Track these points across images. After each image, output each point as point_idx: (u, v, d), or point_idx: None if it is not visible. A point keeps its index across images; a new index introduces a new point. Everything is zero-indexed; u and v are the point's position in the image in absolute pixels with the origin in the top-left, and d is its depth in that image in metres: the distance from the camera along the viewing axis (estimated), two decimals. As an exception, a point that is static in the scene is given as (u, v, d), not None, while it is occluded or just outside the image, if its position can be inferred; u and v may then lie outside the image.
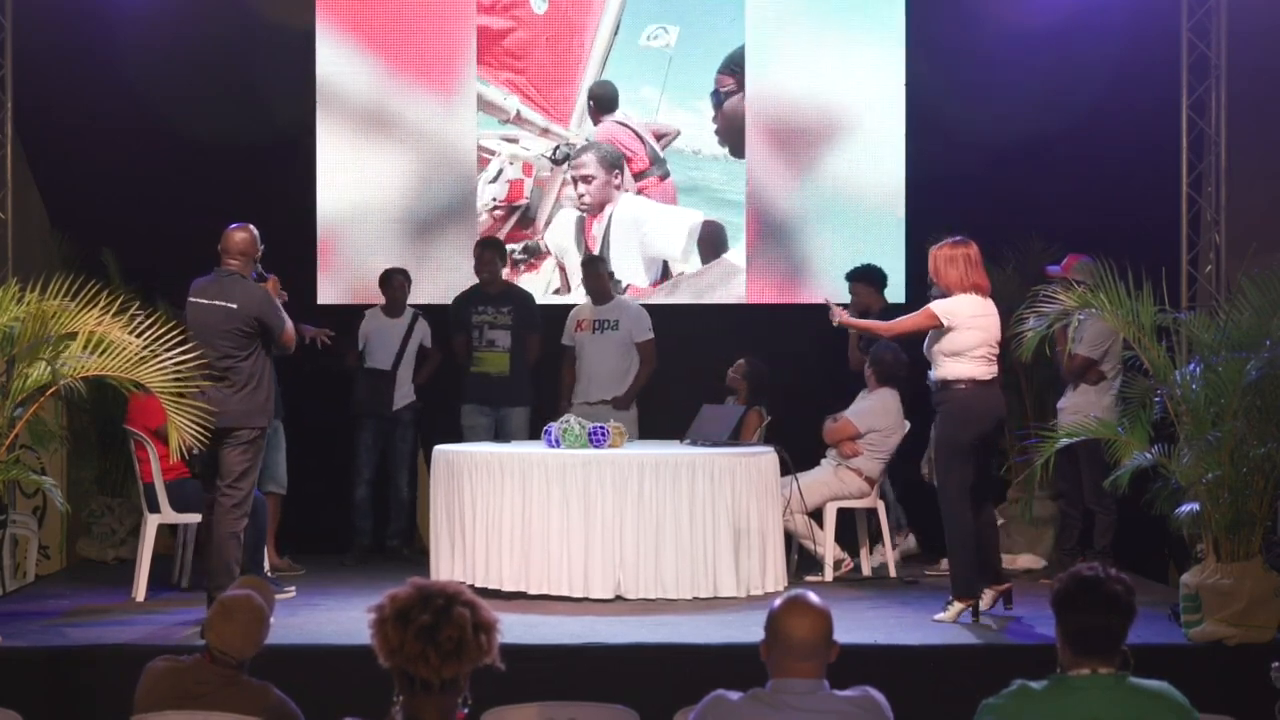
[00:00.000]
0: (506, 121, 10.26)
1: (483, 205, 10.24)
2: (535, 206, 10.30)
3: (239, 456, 7.08)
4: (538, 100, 10.25)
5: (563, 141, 10.28)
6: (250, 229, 7.28)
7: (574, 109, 10.28)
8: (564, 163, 10.26)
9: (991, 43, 9.88)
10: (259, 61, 9.94)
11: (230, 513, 7.07)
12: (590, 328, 9.61)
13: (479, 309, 9.55)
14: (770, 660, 3.77)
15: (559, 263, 10.32)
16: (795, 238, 10.33)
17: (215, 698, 4.66)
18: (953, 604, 7.27)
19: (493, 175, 10.27)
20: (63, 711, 6.33)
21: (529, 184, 10.30)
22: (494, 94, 10.24)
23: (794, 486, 8.48)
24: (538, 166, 10.30)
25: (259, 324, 7.11)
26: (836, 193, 10.31)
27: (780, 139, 10.32)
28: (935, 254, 7.31)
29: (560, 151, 10.24)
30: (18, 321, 6.66)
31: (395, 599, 3.23)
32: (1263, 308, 6.92)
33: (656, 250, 10.33)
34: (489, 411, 9.50)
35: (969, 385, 7.17)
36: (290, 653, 6.25)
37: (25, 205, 9.68)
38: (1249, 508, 6.78)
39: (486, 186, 10.27)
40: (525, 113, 10.26)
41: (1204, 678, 6.14)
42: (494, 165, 10.26)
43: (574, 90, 10.28)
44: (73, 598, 8.08)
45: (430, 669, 3.18)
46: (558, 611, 7.47)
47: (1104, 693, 3.61)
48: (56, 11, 9.63)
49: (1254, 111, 9.41)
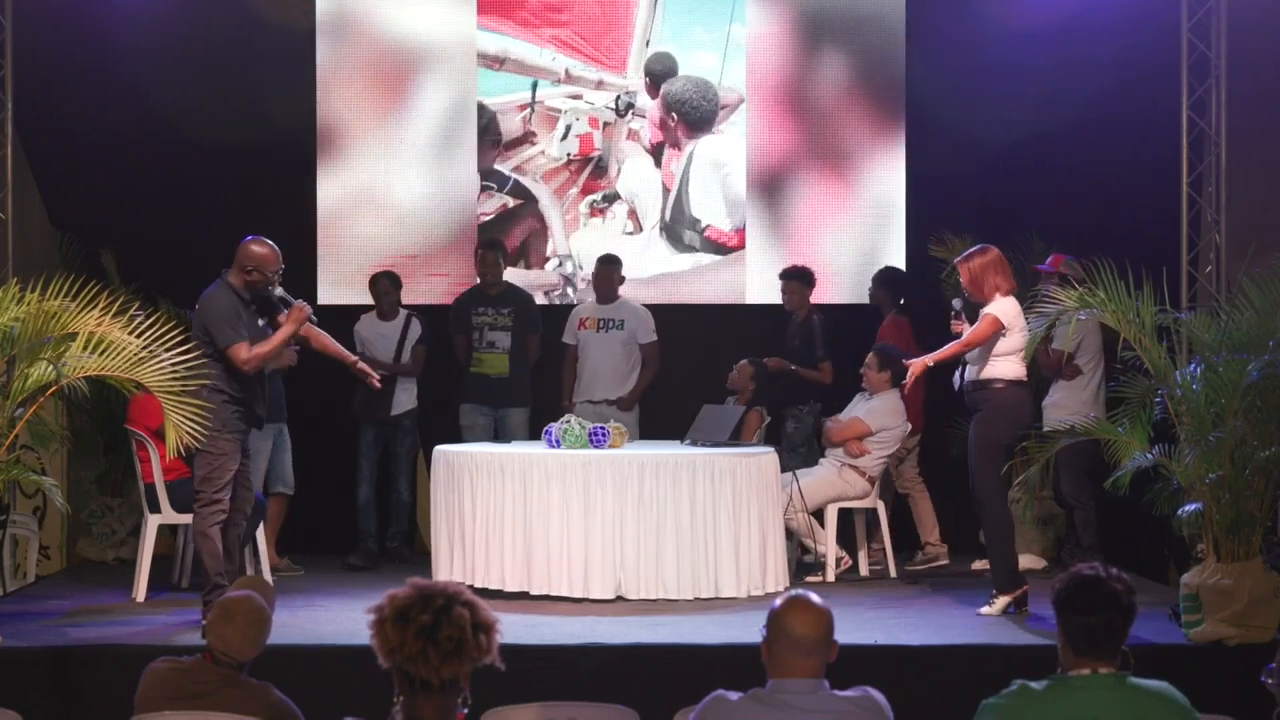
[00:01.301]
0: (559, 82, 10.28)
1: (556, 160, 10.29)
2: (606, 157, 10.33)
3: (197, 462, 7.03)
4: (588, 52, 10.25)
5: (622, 90, 10.29)
6: (253, 240, 7.07)
7: (629, 53, 10.29)
8: (626, 113, 10.29)
9: (991, 42, 9.87)
10: (259, 61, 9.94)
11: (198, 513, 7.03)
12: (595, 326, 9.61)
13: (479, 310, 9.55)
14: (771, 659, 3.77)
15: (630, 208, 10.33)
16: (796, 237, 10.32)
17: (215, 698, 4.66)
18: (998, 598, 7.41)
19: (562, 133, 10.30)
20: (63, 711, 6.32)
21: (598, 135, 10.32)
22: (539, 57, 10.24)
23: (795, 486, 8.49)
24: (602, 118, 10.32)
25: (205, 333, 6.97)
26: (836, 193, 10.31)
27: (780, 139, 10.32)
28: (972, 264, 7.45)
29: (622, 101, 10.27)
30: (18, 321, 6.66)
31: (395, 599, 3.23)
32: (1264, 308, 6.92)
33: (736, 193, 10.35)
34: (488, 412, 9.50)
35: (1010, 384, 7.36)
36: (290, 653, 6.24)
37: (25, 205, 9.68)
38: (1249, 508, 6.78)
39: (559, 144, 10.30)
40: (575, 69, 10.26)
41: (1204, 678, 6.13)
42: (561, 124, 10.29)
43: (627, 33, 10.28)
44: (73, 598, 8.08)
45: (429, 668, 3.18)
46: (558, 611, 7.47)
47: (1104, 693, 3.61)
48: (56, 11, 9.63)
49: (1254, 111, 9.41)
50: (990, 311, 7.36)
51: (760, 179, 10.34)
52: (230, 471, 7.01)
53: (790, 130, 10.32)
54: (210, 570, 6.95)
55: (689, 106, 10.31)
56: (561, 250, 10.32)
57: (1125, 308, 6.99)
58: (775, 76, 10.32)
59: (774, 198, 10.34)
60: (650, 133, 10.31)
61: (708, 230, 10.29)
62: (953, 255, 9.42)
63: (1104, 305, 7.03)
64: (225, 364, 6.98)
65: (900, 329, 9.36)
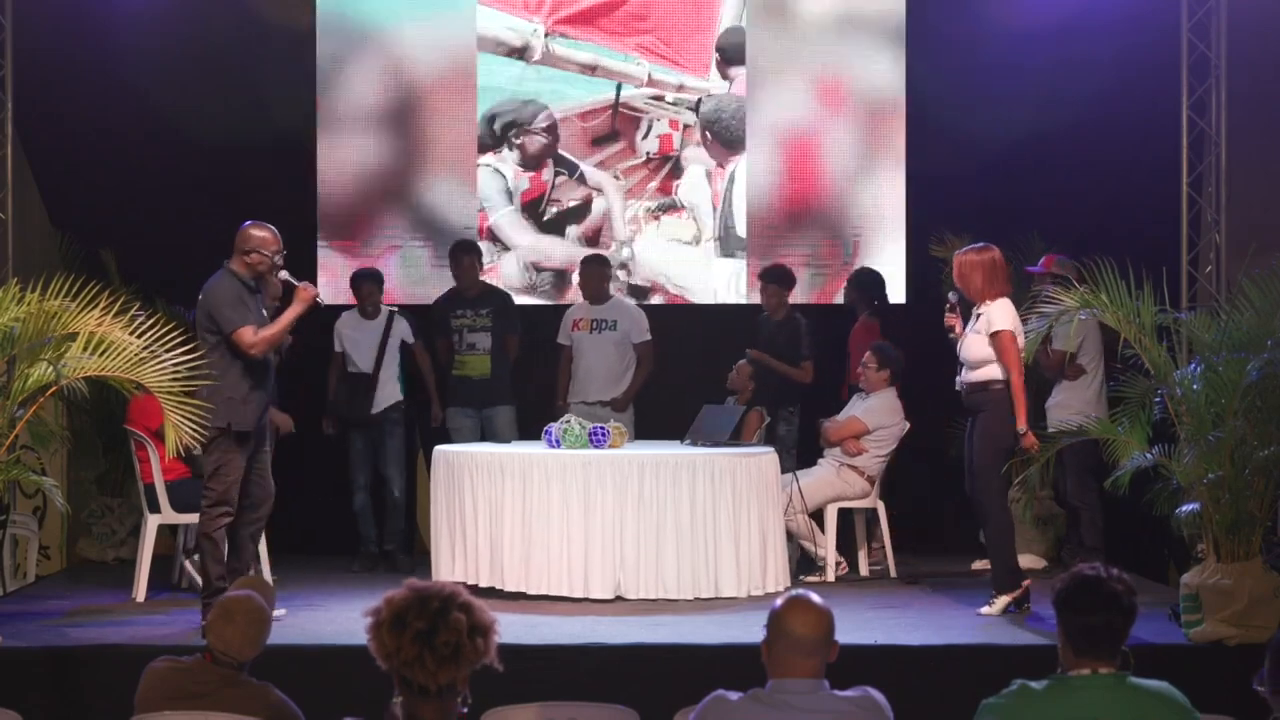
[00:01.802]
0: (642, 86, 10.31)
1: (639, 161, 10.37)
2: (681, 159, 10.40)
3: (206, 458, 7.03)
4: (670, 56, 10.28)
5: (704, 93, 10.32)
6: (252, 225, 7.12)
7: (711, 57, 10.36)
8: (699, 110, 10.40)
9: (991, 43, 9.87)
10: (259, 61, 9.94)
11: (205, 513, 7.01)
12: (588, 327, 9.60)
13: (458, 312, 9.52)
14: (771, 658, 3.77)
15: (693, 215, 10.39)
16: (795, 238, 10.32)
17: (216, 698, 4.66)
18: (998, 598, 7.43)
19: (644, 132, 10.34)
20: (63, 711, 6.33)
21: (677, 136, 10.35)
22: (623, 65, 10.28)
23: (794, 486, 8.49)
24: (683, 119, 10.35)
25: (211, 320, 6.97)
26: (836, 193, 10.31)
27: (780, 139, 10.32)
28: (963, 259, 7.48)
29: (704, 104, 10.31)
30: (18, 322, 6.66)
31: (391, 602, 3.22)
32: (1264, 308, 6.92)
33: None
34: (472, 413, 9.48)
35: (1008, 385, 7.37)
36: (290, 653, 6.24)
37: (25, 205, 9.68)
38: (1249, 508, 6.78)
39: (641, 142, 10.34)
40: (657, 74, 10.29)
41: (1204, 678, 6.12)
42: (644, 122, 10.33)
43: (709, 38, 10.33)
44: (73, 598, 8.08)
45: (426, 674, 3.17)
46: (558, 611, 7.47)
47: (1104, 693, 3.62)
48: (56, 11, 9.63)
49: (1254, 111, 9.40)
50: (999, 328, 7.35)
51: (761, 177, 10.33)
52: (238, 470, 6.98)
53: (790, 129, 10.31)
54: (211, 574, 6.94)
55: (720, 126, 10.33)
56: (621, 243, 10.39)
57: (1125, 308, 6.98)
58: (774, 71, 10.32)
59: (774, 197, 10.34)
60: (709, 139, 10.40)
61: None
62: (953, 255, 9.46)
63: (1105, 306, 7.03)
64: (232, 352, 6.95)
65: (871, 332, 9.31)
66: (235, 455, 6.96)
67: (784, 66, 10.32)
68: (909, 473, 9.25)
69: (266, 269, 7.10)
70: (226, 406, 6.91)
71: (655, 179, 10.39)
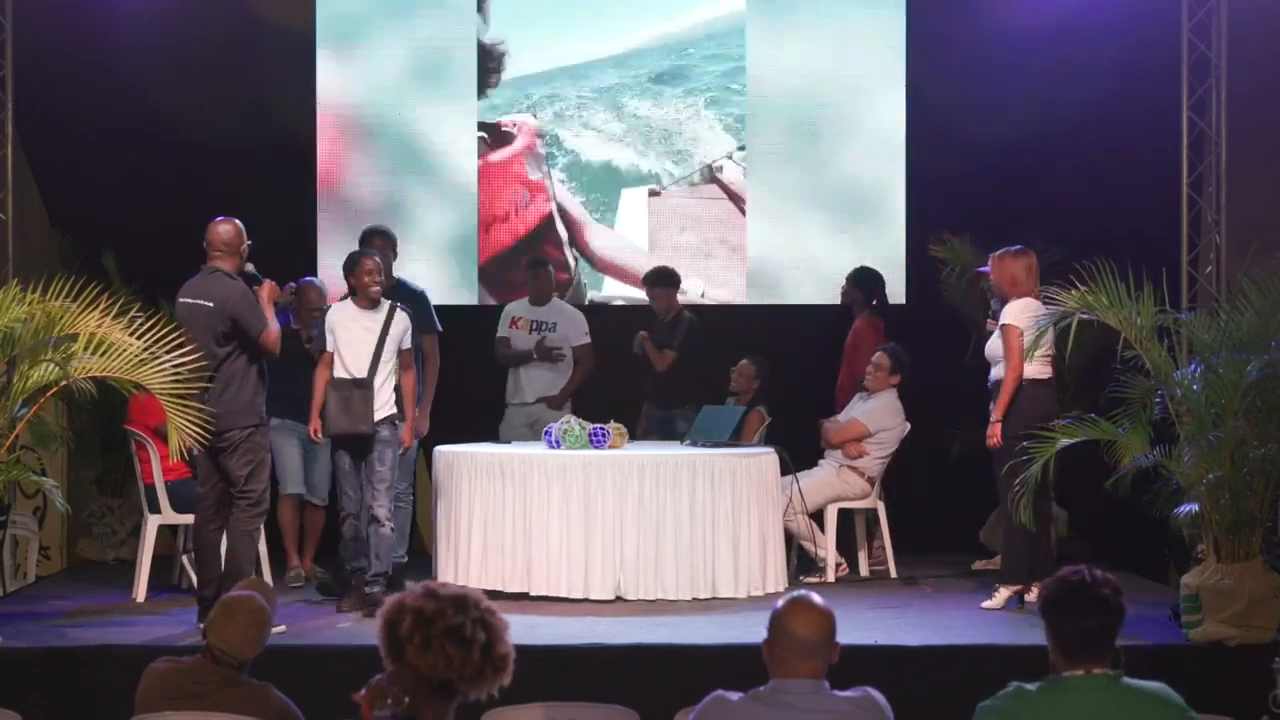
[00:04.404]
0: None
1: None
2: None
3: (239, 460, 7.03)
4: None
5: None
6: (234, 222, 7.19)
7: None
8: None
9: (992, 43, 9.87)
10: (259, 63, 9.94)
11: (245, 512, 7.06)
12: (527, 327, 9.48)
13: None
14: (772, 659, 3.77)
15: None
16: (795, 237, 10.32)
17: (216, 698, 4.66)
18: (999, 590, 7.46)
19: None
20: (63, 711, 6.33)
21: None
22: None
23: (795, 487, 8.48)
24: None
25: (234, 324, 7.01)
26: (836, 192, 10.31)
27: (780, 138, 10.32)
28: (1015, 261, 7.57)
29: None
30: (19, 322, 6.65)
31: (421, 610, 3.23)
32: (1264, 308, 6.91)
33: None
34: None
35: (1028, 383, 7.48)
36: (290, 653, 6.25)
37: (25, 205, 9.68)
38: (1249, 508, 6.78)
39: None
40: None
41: (1204, 678, 6.14)
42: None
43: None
44: (73, 598, 8.09)
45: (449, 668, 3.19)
46: (558, 612, 7.47)
47: (1100, 693, 3.61)
48: (56, 11, 9.63)
49: (1254, 112, 9.40)
50: (1006, 322, 7.49)
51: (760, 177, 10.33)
52: (269, 467, 7.16)
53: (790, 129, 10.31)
54: (245, 573, 6.82)
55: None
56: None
57: (1125, 308, 6.98)
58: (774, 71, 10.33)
59: (774, 197, 10.34)
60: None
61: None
62: (953, 255, 9.47)
63: (1104, 306, 7.03)
64: (251, 353, 7.05)
65: (876, 330, 9.30)
66: (268, 453, 7.16)
67: (783, 63, 10.31)
68: (909, 473, 9.24)
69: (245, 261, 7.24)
70: (254, 403, 7.06)
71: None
